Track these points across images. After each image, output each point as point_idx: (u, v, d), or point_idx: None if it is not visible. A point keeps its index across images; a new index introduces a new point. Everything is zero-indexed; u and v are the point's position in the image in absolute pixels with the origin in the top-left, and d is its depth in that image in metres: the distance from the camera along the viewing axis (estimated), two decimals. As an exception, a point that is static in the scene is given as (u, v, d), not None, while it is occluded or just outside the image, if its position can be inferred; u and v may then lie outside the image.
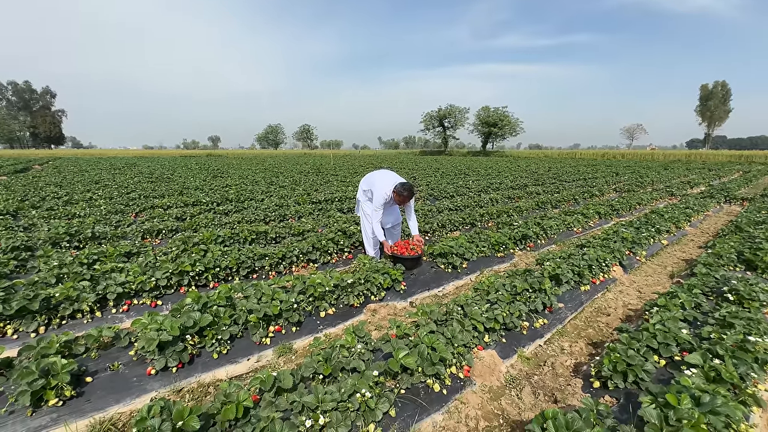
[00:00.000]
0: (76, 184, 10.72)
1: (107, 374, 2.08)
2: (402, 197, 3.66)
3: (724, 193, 9.46)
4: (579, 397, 2.08)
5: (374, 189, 3.78)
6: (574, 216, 6.11)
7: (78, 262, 3.50)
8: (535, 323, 2.79)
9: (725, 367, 1.90)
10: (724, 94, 72.98)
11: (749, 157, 36.73)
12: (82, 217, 5.94)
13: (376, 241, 4.07)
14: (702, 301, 2.92)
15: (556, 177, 14.59)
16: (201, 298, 2.56)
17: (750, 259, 3.86)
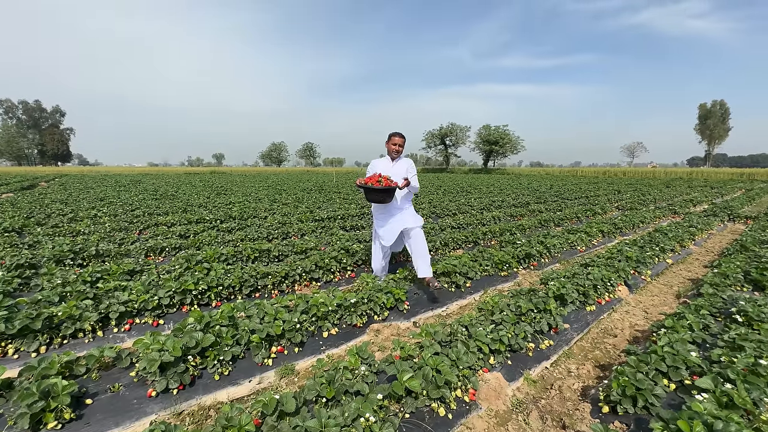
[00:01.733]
0: (81, 201, 10.83)
1: (107, 396, 2.05)
2: (395, 144, 3.56)
3: (728, 212, 9.43)
4: (588, 422, 2.03)
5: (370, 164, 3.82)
6: (577, 234, 6.10)
7: (81, 280, 3.50)
8: (541, 345, 2.75)
9: (737, 392, 1.86)
10: (723, 113, 73.81)
11: (751, 174, 36.81)
12: (86, 235, 5.98)
13: (377, 249, 3.93)
14: (710, 323, 2.87)
15: (558, 195, 14.62)
16: (203, 318, 2.55)
17: (757, 279, 3.82)
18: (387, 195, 3.33)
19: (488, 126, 58.00)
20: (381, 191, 3.28)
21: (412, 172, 3.58)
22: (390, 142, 3.57)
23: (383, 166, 3.64)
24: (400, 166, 3.60)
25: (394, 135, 3.56)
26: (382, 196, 3.32)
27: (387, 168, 3.60)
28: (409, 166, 3.60)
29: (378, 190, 3.27)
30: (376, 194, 3.30)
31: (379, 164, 3.67)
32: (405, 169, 3.58)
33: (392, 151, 3.58)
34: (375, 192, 3.28)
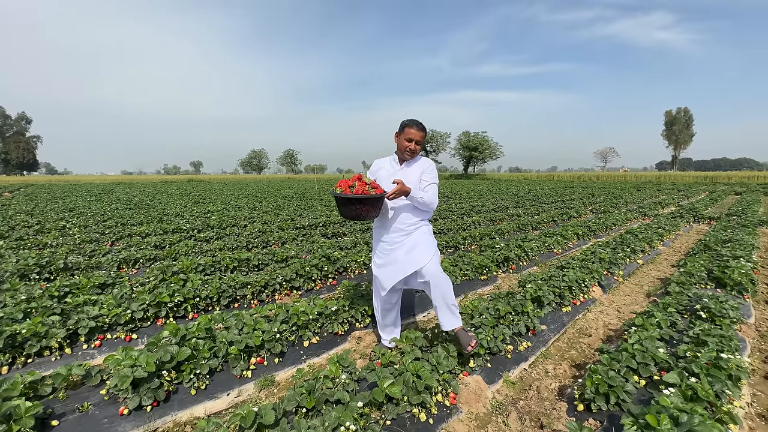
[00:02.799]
0: (48, 212, 10.35)
1: (75, 416, 1.96)
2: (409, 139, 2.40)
3: (693, 213, 9.93)
4: (564, 421, 2.08)
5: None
6: (554, 237, 6.28)
7: (48, 295, 3.34)
8: (520, 346, 2.81)
9: (701, 386, 1.96)
10: (687, 119, 77.95)
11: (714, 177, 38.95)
12: (54, 247, 5.71)
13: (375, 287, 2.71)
14: (677, 320, 3.01)
15: (536, 199, 15.01)
16: (179, 331, 2.48)
17: (719, 277, 4.03)
18: (364, 208, 2.16)
19: (468, 132, 59.07)
20: (353, 202, 2.14)
21: (429, 178, 2.43)
22: (403, 136, 2.41)
23: (387, 169, 2.51)
24: (412, 172, 2.44)
25: (408, 125, 2.39)
26: (355, 210, 2.16)
27: (392, 172, 2.47)
28: (426, 171, 2.45)
29: (348, 200, 2.13)
30: (346, 207, 2.18)
31: (384, 166, 2.54)
32: (418, 176, 2.42)
33: (405, 149, 2.41)
34: (345, 204, 2.17)
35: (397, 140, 2.47)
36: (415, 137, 2.37)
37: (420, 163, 2.50)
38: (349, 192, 2.16)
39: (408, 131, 2.38)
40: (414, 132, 2.36)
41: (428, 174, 2.45)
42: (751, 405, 2.28)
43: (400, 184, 2.20)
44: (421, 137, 2.38)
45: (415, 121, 2.38)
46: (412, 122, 2.38)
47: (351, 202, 2.14)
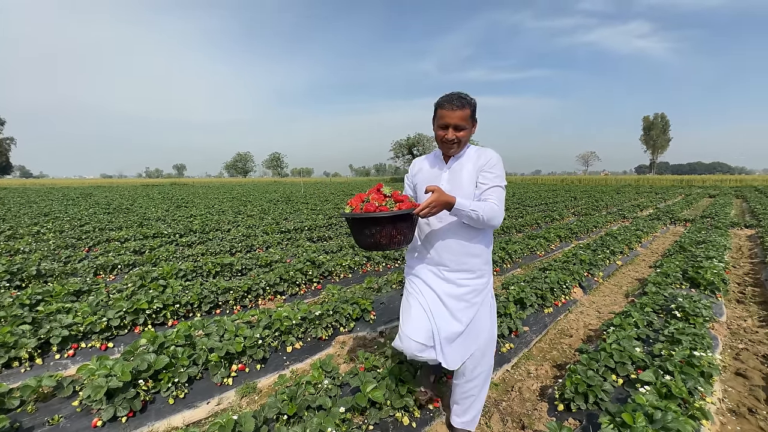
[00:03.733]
0: (22, 216, 9.96)
1: (45, 429, 1.88)
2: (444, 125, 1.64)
3: (670, 215, 10.26)
4: (545, 421, 2.11)
5: None
6: (536, 240, 6.39)
7: (19, 303, 3.20)
8: (502, 348, 2.84)
9: (675, 383, 2.02)
10: (664, 124, 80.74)
11: (689, 181, 40.41)
12: (26, 253, 5.50)
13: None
14: (653, 319, 3.10)
15: (520, 202, 15.26)
16: (157, 338, 2.42)
17: (693, 277, 4.17)
18: (383, 232, 1.49)
19: (454, 136, 59.72)
20: (366, 224, 1.49)
21: (491, 179, 1.64)
22: (436, 123, 1.67)
23: (428, 170, 1.80)
24: (462, 171, 1.69)
25: (440, 105, 1.63)
26: (372, 236, 1.50)
27: (433, 174, 1.76)
28: (486, 167, 1.66)
29: (360, 222, 1.51)
30: (360, 233, 1.53)
31: (423, 168, 1.83)
32: (472, 176, 1.67)
33: (443, 140, 1.66)
34: (357, 227, 1.53)
35: (433, 129, 1.70)
36: (451, 120, 1.58)
37: (474, 156, 1.69)
38: (359, 210, 1.51)
39: (440, 114, 1.61)
40: (448, 113, 1.58)
41: (489, 172, 1.64)
42: (722, 401, 2.35)
43: (436, 193, 1.44)
44: (460, 119, 1.58)
45: (449, 97, 1.59)
46: (444, 99, 1.60)
47: (364, 224, 1.47)
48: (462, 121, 1.60)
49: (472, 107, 1.62)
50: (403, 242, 1.54)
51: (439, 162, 1.78)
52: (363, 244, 1.55)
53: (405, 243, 1.55)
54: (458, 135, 1.63)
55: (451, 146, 1.66)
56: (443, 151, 1.74)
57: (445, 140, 1.64)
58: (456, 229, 1.70)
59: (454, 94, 1.61)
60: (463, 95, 1.61)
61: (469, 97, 1.62)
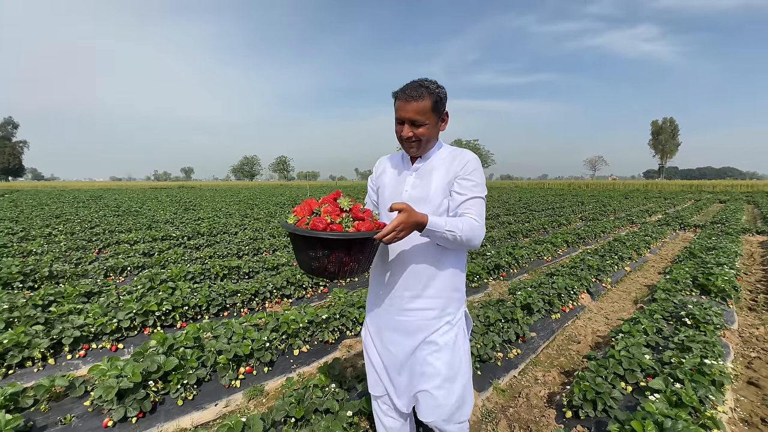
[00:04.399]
0: (34, 218, 10.14)
1: (57, 429, 1.91)
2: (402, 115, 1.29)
3: (679, 221, 10.14)
4: (552, 428, 2.10)
5: None
6: (543, 245, 6.35)
7: (32, 303, 3.26)
8: (509, 354, 2.83)
9: (685, 391, 1.99)
10: (673, 129, 79.95)
11: (699, 186, 39.91)
12: (38, 255, 5.59)
13: None
14: (663, 326, 3.07)
15: (527, 207, 15.19)
16: (167, 340, 2.45)
17: (704, 283, 4.12)
18: (333, 257, 1.15)
19: (459, 141, 59.77)
20: (310, 244, 1.15)
21: (468, 187, 1.32)
22: (395, 116, 1.33)
23: (391, 174, 1.48)
24: (433, 175, 1.37)
25: (398, 95, 1.30)
26: (318, 260, 1.16)
27: (398, 180, 1.45)
28: (463, 174, 1.33)
29: (303, 241, 1.16)
30: (302, 252, 1.19)
31: (387, 169, 1.51)
32: (444, 183, 1.34)
33: (399, 138, 1.37)
34: (300, 246, 1.19)
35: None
36: (406, 114, 1.26)
37: (447, 158, 1.37)
38: (305, 226, 1.15)
39: (396, 106, 1.29)
40: (403, 105, 1.26)
41: (466, 179, 1.32)
42: (734, 410, 2.32)
43: (404, 213, 1.11)
44: (417, 112, 1.24)
45: (406, 86, 1.28)
46: (400, 89, 1.29)
47: (309, 244, 1.14)
48: (419, 115, 1.25)
49: (434, 97, 1.25)
50: (356, 271, 1.19)
51: (405, 163, 1.44)
52: (305, 267, 1.18)
53: (359, 272, 1.20)
54: (417, 132, 1.29)
55: (410, 145, 1.33)
56: (407, 152, 1.40)
57: (402, 138, 1.33)
58: (423, 250, 1.33)
59: (413, 81, 1.28)
60: (425, 83, 1.26)
61: (432, 84, 1.26)
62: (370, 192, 1.58)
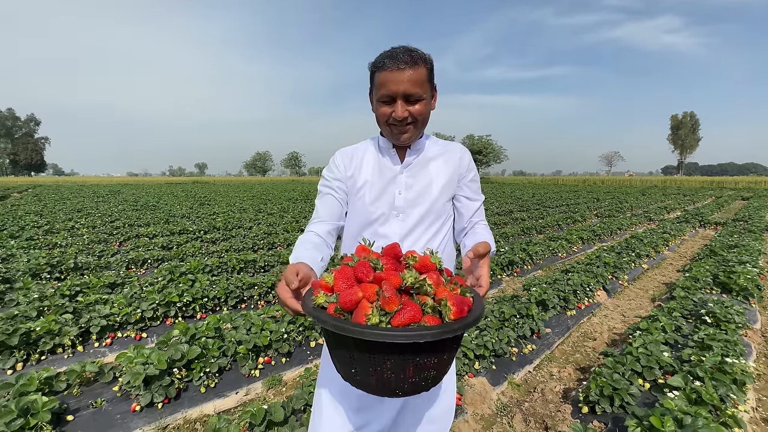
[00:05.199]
0: (57, 212, 10.49)
1: (89, 412, 2.01)
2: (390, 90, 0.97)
3: (699, 218, 9.87)
4: (569, 423, 2.10)
5: None
6: (558, 242, 6.28)
7: (60, 293, 3.41)
8: (524, 349, 2.83)
9: (705, 389, 1.97)
10: (693, 123, 77.53)
11: (720, 182, 38.69)
12: (63, 247, 5.80)
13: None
14: (681, 324, 3.02)
15: (540, 203, 14.99)
16: (189, 330, 2.53)
17: (725, 282, 4.02)
18: (412, 367, 0.68)
19: (472, 136, 59.14)
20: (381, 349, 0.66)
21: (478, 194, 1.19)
22: (378, 95, 1.00)
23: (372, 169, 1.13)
24: (433, 175, 1.11)
25: (384, 65, 0.96)
26: (383, 372, 0.68)
27: (383, 175, 1.12)
28: (467, 174, 1.17)
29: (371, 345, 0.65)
30: (357, 360, 0.70)
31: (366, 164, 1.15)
32: (444, 184, 1.12)
33: (389, 121, 1.02)
34: (356, 348, 0.68)
35: (372, 107, 1.07)
36: (400, 87, 0.96)
37: (441, 151, 1.15)
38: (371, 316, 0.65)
39: (382, 80, 0.98)
40: (394, 76, 0.96)
41: (474, 181, 1.18)
42: (756, 410, 2.28)
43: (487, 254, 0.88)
44: (414, 83, 0.97)
45: (393, 52, 0.97)
46: (385, 57, 0.97)
47: (374, 350, 0.67)
48: (416, 87, 0.97)
49: (428, 65, 1.00)
50: (432, 382, 0.74)
51: (388, 157, 1.12)
52: (361, 382, 0.74)
53: (433, 383, 0.75)
54: (413, 110, 0.99)
55: (404, 130, 1.02)
56: (392, 140, 1.08)
57: (394, 121, 1.00)
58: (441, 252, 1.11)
59: (397, 47, 0.98)
60: (413, 49, 0.99)
61: (420, 50, 0.99)
62: (331, 197, 1.12)
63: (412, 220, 1.09)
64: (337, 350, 0.75)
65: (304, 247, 1.01)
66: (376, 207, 1.09)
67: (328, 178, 1.16)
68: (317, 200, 1.17)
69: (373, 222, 1.09)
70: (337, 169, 1.15)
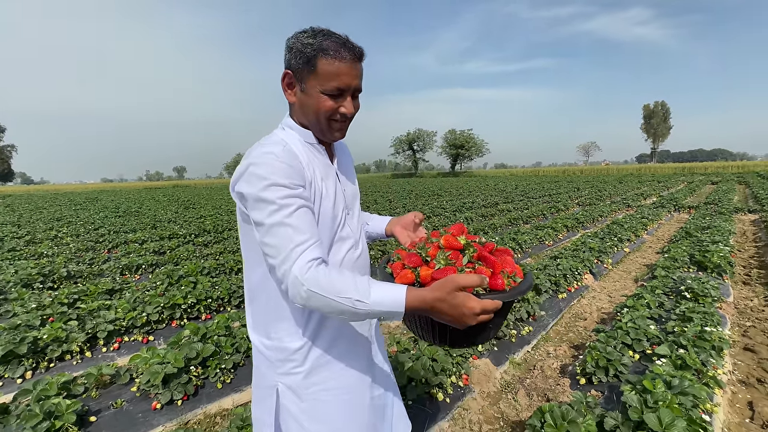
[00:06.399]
0: (36, 222, 10.14)
1: (111, 412, 2.05)
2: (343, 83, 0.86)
3: (673, 203, 10.38)
4: (568, 394, 2.27)
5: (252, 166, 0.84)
6: (544, 230, 6.53)
7: (58, 302, 3.37)
8: (522, 331, 3.00)
9: (689, 355, 2.17)
10: (665, 112, 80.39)
11: (691, 168, 40.44)
12: (50, 257, 5.67)
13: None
14: (664, 300, 3.25)
15: (524, 194, 15.39)
16: (200, 329, 2.58)
17: (700, 260, 4.31)
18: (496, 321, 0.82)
19: (454, 131, 59.77)
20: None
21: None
22: (325, 86, 0.86)
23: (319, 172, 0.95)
24: (350, 173, 1.12)
25: (336, 51, 0.84)
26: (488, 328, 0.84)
27: (328, 180, 0.97)
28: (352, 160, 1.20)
29: None
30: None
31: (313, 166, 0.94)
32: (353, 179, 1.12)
33: (332, 117, 0.92)
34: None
35: (297, 94, 0.92)
36: (353, 81, 0.89)
37: (342, 148, 1.13)
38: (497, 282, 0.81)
39: (332, 69, 0.86)
40: (347, 68, 0.87)
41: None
42: (732, 373, 2.51)
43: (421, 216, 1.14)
44: (361, 77, 0.92)
45: (340, 39, 0.87)
46: (333, 43, 0.86)
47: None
48: (360, 81, 0.92)
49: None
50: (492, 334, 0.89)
51: (321, 153, 1.00)
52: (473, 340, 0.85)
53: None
54: (356, 107, 0.95)
55: (344, 127, 0.96)
56: (325, 137, 0.97)
57: (340, 117, 0.92)
58: None
59: (343, 35, 0.89)
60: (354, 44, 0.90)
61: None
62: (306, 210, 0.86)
63: (355, 216, 1.06)
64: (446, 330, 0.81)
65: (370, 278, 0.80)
66: (337, 209, 0.97)
67: (290, 185, 0.84)
68: (286, 218, 0.81)
69: (336, 227, 0.97)
70: (294, 172, 0.86)
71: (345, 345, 0.99)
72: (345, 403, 0.98)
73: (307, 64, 0.86)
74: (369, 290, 0.75)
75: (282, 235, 0.80)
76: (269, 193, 0.81)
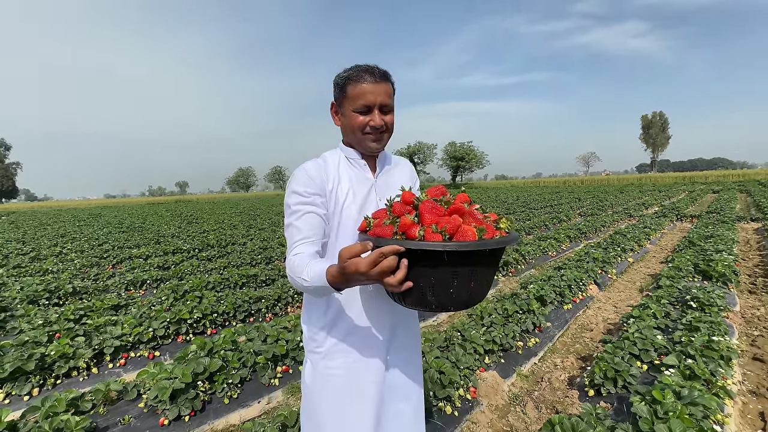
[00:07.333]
0: (40, 238, 10.20)
1: (119, 428, 2.04)
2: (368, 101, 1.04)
3: (675, 212, 10.39)
4: (577, 406, 2.26)
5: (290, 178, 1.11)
6: (547, 241, 6.53)
7: (64, 318, 3.39)
8: (529, 342, 2.99)
9: (697, 365, 2.16)
10: (663, 122, 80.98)
11: (691, 178, 40.54)
12: (55, 273, 5.70)
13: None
14: (670, 310, 3.24)
15: (525, 205, 15.42)
16: (206, 344, 2.59)
17: (705, 270, 4.31)
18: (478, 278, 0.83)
19: (454, 143, 60.29)
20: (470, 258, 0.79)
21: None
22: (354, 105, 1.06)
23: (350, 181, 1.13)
24: (397, 180, 1.21)
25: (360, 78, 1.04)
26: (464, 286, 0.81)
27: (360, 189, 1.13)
28: (415, 186, 1.27)
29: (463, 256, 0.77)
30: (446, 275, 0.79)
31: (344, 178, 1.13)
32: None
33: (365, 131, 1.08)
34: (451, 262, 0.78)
35: (339, 118, 1.13)
36: (377, 98, 1.04)
37: (399, 163, 1.28)
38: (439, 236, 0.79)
39: (358, 91, 1.04)
40: (372, 88, 1.03)
41: (418, 189, 1.25)
42: (742, 383, 2.49)
43: None
44: (388, 95, 1.07)
45: (367, 67, 1.06)
46: (361, 71, 1.05)
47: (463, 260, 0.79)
48: (389, 98, 1.07)
49: (393, 83, 1.11)
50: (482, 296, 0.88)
51: (360, 166, 1.15)
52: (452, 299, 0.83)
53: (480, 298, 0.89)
54: (387, 120, 1.08)
55: (379, 138, 1.10)
56: (364, 149, 1.12)
57: (371, 129, 1.07)
58: None
59: (367, 65, 1.07)
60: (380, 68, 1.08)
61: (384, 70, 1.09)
62: (313, 215, 1.03)
63: None
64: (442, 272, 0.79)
65: (315, 260, 0.94)
66: (363, 214, 1.08)
67: (304, 193, 1.03)
68: (294, 220, 1.02)
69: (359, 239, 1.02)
70: (314, 183, 1.05)
71: (358, 342, 1.13)
72: (341, 391, 1.12)
73: (341, 91, 1.08)
74: (309, 271, 0.90)
75: (289, 233, 1.04)
76: (289, 200, 1.06)
